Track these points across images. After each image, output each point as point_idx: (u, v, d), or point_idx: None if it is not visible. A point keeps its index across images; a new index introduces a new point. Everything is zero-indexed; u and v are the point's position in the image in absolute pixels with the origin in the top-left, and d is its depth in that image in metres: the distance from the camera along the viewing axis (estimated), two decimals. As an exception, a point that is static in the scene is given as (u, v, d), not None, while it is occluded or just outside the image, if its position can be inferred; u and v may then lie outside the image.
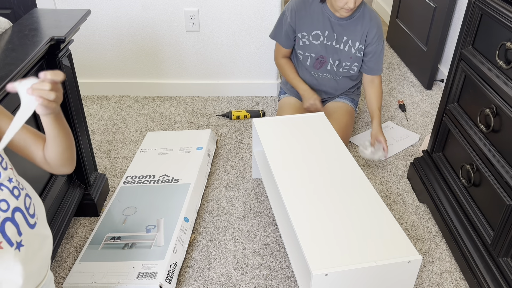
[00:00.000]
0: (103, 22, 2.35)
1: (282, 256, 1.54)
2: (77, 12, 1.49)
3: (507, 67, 1.24)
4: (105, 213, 1.64)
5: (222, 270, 1.49)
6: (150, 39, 2.40)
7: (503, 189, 1.27)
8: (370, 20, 1.92)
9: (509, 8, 1.23)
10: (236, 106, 2.46)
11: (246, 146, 2.12)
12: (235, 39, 2.41)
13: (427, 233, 1.64)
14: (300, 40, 1.98)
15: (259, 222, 1.68)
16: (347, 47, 1.97)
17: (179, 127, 2.27)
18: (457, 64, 1.52)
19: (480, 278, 1.35)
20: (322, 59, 2.01)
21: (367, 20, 1.92)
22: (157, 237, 1.52)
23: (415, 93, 2.61)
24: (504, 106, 1.26)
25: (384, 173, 1.95)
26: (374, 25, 1.93)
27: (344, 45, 1.96)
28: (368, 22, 1.92)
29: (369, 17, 1.92)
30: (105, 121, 2.31)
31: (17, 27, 1.39)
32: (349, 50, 1.97)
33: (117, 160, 2.02)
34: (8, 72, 1.11)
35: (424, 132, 2.23)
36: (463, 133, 1.49)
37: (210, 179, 1.90)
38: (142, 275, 1.38)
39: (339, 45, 1.97)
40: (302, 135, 1.65)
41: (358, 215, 1.29)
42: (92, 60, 2.46)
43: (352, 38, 1.95)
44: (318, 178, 1.43)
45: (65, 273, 1.47)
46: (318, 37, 1.96)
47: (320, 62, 2.02)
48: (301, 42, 1.99)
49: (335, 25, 1.93)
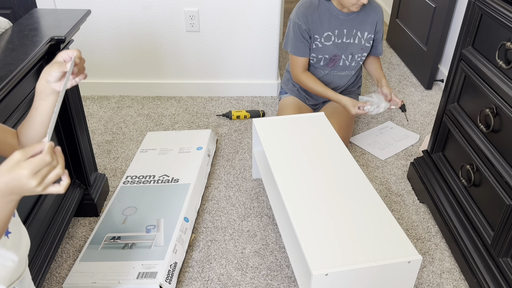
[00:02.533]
0: (103, 22, 2.35)
1: (282, 256, 1.54)
2: (77, 12, 1.49)
3: (507, 67, 1.24)
4: (105, 213, 1.64)
5: (222, 270, 1.49)
6: (150, 39, 2.40)
7: (503, 189, 1.27)
8: (376, 8, 1.96)
9: (509, 8, 1.23)
10: (236, 106, 2.46)
11: (246, 146, 2.12)
12: (235, 39, 2.41)
13: (427, 233, 1.64)
14: (313, 43, 1.98)
15: (259, 222, 1.68)
16: (357, 39, 1.98)
17: (179, 127, 2.27)
18: (457, 64, 1.52)
19: (480, 278, 1.35)
20: (335, 58, 2.01)
21: (373, 9, 1.96)
22: (157, 237, 1.52)
23: (415, 93, 2.61)
24: (504, 106, 1.26)
25: (384, 173, 1.95)
26: (379, 12, 1.97)
27: (354, 38, 1.98)
28: (375, 11, 1.96)
29: (374, 5, 1.96)
30: (105, 121, 2.31)
31: (17, 27, 1.39)
32: (359, 42, 1.99)
33: (117, 160, 2.02)
34: (8, 72, 1.11)
35: (424, 132, 2.23)
36: (463, 133, 1.49)
37: (210, 179, 1.90)
38: (142, 275, 1.38)
39: (350, 40, 1.98)
40: (302, 135, 1.65)
41: (358, 215, 1.29)
42: (92, 60, 2.46)
43: (362, 30, 1.96)
44: (318, 178, 1.43)
45: (65, 273, 1.47)
46: (330, 38, 1.96)
47: (333, 60, 2.02)
48: (313, 45, 1.98)
49: (344, 21, 1.94)
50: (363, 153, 2.07)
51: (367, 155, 2.05)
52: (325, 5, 1.91)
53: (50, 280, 1.45)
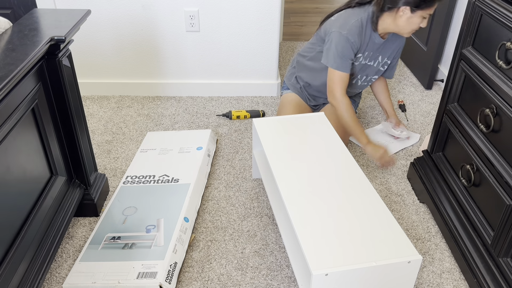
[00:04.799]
0: (103, 22, 2.35)
1: (282, 256, 1.54)
2: (77, 12, 1.49)
3: (507, 67, 1.24)
4: (105, 213, 1.64)
5: (222, 270, 1.49)
6: (150, 39, 2.40)
7: (503, 189, 1.27)
8: (401, 36, 1.95)
9: (509, 8, 1.23)
10: (236, 106, 2.46)
11: (246, 146, 2.12)
12: (235, 39, 2.41)
13: (427, 233, 1.64)
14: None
15: (259, 222, 1.68)
16: (376, 63, 1.98)
17: (179, 127, 2.27)
18: (457, 64, 1.53)
19: (480, 278, 1.35)
20: (352, 76, 2.00)
21: (400, 37, 1.96)
22: (157, 237, 1.52)
23: (415, 93, 2.61)
24: (504, 106, 1.26)
25: (384, 173, 1.95)
26: (403, 40, 1.99)
27: (374, 62, 1.98)
28: (401, 39, 1.97)
29: None
30: (105, 121, 2.31)
31: (17, 27, 1.39)
32: (377, 65, 1.99)
33: (117, 160, 2.02)
34: (8, 72, 1.11)
35: (424, 132, 2.23)
36: (463, 133, 1.49)
37: (210, 179, 1.90)
38: (142, 275, 1.38)
39: (371, 62, 1.98)
40: (302, 135, 1.65)
41: (358, 215, 1.29)
42: (92, 60, 2.47)
43: (384, 55, 1.97)
44: (318, 178, 1.43)
45: (65, 273, 1.47)
46: (359, 59, 1.94)
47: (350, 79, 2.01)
48: None
49: (377, 45, 1.92)
50: (363, 153, 2.07)
51: (367, 155, 2.05)
52: (369, 28, 1.86)
53: (50, 280, 1.45)
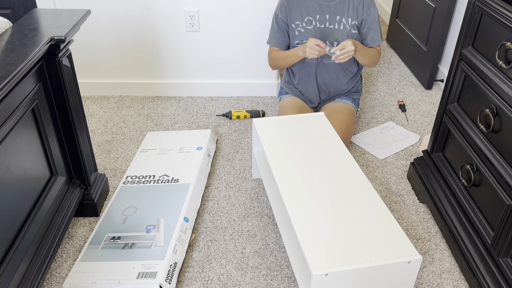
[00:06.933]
0: (103, 22, 2.35)
1: (282, 256, 1.54)
2: (77, 12, 1.49)
3: (507, 67, 1.24)
4: (105, 213, 1.64)
5: (222, 270, 1.49)
6: (150, 39, 2.40)
7: (503, 189, 1.27)
8: None
9: (509, 8, 1.23)
10: (236, 106, 2.46)
11: (246, 146, 2.12)
12: (235, 39, 2.41)
13: (427, 233, 1.64)
14: (295, 30, 2.00)
15: (259, 222, 1.68)
16: (342, 26, 1.98)
17: (179, 127, 2.27)
18: (457, 64, 1.53)
19: (480, 278, 1.35)
20: None
21: None
22: (157, 237, 1.52)
23: (415, 93, 2.61)
24: (504, 106, 1.26)
25: (384, 173, 1.95)
26: None
27: (338, 24, 1.98)
28: None
29: None
30: (105, 121, 2.31)
31: (17, 27, 1.39)
32: (344, 28, 1.99)
33: (117, 160, 2.02)
34: (8, 72, 1.11)
35: (424, 132, 2.23)
36: (463, 133, 1.49)
37: (210, 179, 1.90)
38: (142, 275, 1.38)
39: (333, 25, 1.98)
40: (302, 135, 1.65)
41: (358, 215, 1.29)
42: (92, 60, 2.47)
43: (345, 16, 1.97)
44: (318, 178, 1.43)
45: (65, 273, 1.47)
46: (311, 22, 1.97)
47: None
48: (296, 32, 2.00)
49: (324, 7, 1.96)
50: (363, 153, 2.07)
51: (367, 155, 2.05)
52: None
53: (50, 280, 1.45)
